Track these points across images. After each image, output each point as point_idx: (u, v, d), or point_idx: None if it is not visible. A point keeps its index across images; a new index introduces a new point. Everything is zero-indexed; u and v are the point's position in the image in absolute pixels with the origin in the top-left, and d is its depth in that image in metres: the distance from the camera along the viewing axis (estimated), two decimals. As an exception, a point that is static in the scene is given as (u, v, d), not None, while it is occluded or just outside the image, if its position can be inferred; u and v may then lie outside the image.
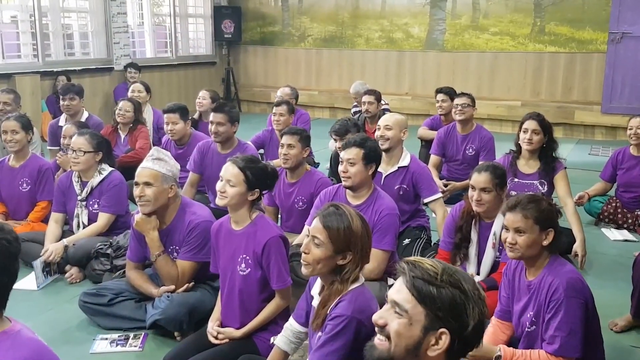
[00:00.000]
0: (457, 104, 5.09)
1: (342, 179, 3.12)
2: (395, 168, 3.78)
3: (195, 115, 5.92)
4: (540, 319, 2.29)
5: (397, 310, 1.37)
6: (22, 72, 7.27)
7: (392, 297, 1.39)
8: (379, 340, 1.40)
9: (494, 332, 2.50)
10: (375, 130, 3.93)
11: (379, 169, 3.81)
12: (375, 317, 1.41)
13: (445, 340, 1.33)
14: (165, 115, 4.67)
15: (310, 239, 2.05)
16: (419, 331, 1.34)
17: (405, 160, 3.78)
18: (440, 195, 3.81)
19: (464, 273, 1.40)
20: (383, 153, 3.84)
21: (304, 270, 2.09)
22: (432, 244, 3.77)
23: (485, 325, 1.37)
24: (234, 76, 10.39)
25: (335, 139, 4.30)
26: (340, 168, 3.11)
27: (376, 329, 1.41)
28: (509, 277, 2.46)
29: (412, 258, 1.43)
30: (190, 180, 4.29)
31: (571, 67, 8.35)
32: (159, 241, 2.94)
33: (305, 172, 3.75)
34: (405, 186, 3.76)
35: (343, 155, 3.11)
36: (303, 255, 2.06)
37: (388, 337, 1.38)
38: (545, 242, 2.29)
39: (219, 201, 2.59)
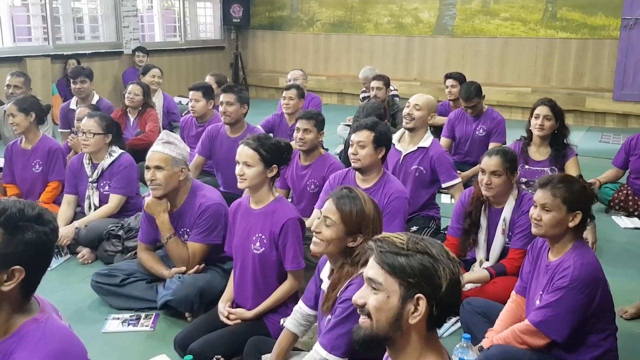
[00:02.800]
0: (467, 107, 5.06)
1: (352, 161, 3.13)
2: (415, 148, 3.77)
3: None
4: None
5: (373, 286, 1.40)
6: (32, 55, 7.28)
7: (366, 275, 1.42)
8: (362, 319, 1.42)
9: (514, 307, 2.49)
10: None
11: (399, 148, 3.79)
12: (354, 298, 1.43)
13: (423, 305, 1.36)
14: (190, 93, 4.89)
15: (322, 219, 2.06)
16: (397, 301, 1.37)
17: (426, 142, 3.76)
18: (459, 180, 3.77)
19: (430, 239, 1.42)
20: (406, 132, 3.82)
21: (313, 247, 2.10)
22: (441, 230, 3.76)
23: (460, 284, 1.39)
24: (242, 61, 10.36)
25: None
26: (350, 150, 3.11)
27: (357, 310, 1.43)
28: (534, 255, 2.45)
29: (379, 235, 1.45)
30: (195, 163, 4.30)
31: (583, 53, 8.27)
32: (170, 223, 2.96)
33: (319, 155, 3.76)
34: (422, 168, 3.74)
35: (353, 137, 3.11)
36: (314, 234, 2.07)
37: (369, 315, 1.40)
38: (571, 224, 2.27)
39: (240, 184, 2.61)
